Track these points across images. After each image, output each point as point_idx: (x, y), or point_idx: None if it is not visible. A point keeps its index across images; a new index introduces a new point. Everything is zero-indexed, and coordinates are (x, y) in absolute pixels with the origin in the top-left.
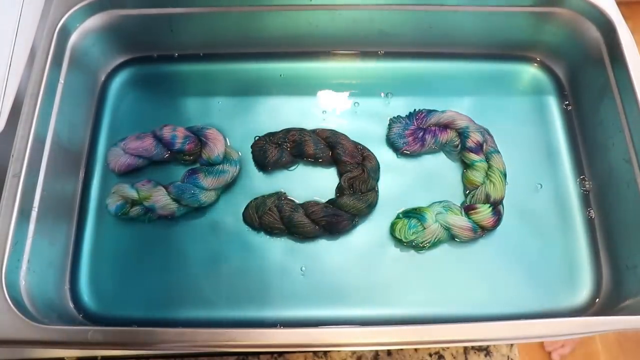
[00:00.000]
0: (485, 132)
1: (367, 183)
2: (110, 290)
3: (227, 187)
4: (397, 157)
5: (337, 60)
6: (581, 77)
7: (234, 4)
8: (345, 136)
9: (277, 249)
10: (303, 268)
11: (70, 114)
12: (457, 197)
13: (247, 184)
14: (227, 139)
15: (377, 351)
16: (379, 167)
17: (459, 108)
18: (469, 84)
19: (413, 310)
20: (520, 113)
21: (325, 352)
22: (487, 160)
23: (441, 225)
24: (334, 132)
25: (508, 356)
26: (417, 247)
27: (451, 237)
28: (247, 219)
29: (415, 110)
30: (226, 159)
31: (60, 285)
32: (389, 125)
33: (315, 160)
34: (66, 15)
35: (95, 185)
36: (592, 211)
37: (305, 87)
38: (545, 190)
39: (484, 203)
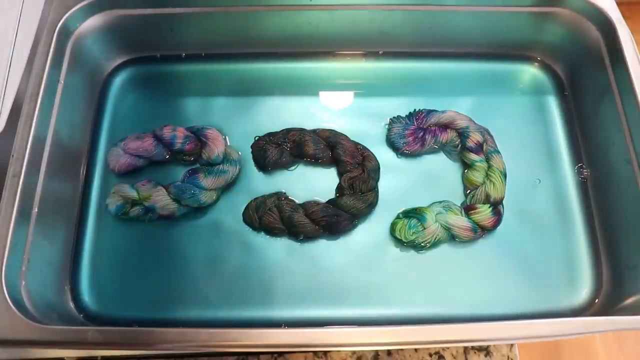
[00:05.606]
0: (485, 132)
1: (367, 183)
2: (110, 290)
3: (227, 187)
4: (397, 157)
5: (337, 60)
6: (581, 77)
7: (234, 4)
8: (345, 136)
9: (277, 249)
10: (302, 265)
11: (70, 114)
12: (457, 197)
13: (247, 184)
14: (227, 139)
15: (377, 351)
16: (379, 167)
17: (459, 108)
18: (469, 84)
19: (413, 310)
20: (521, 113)
21: (325, 352)
22: (487, 160)
23: (441, 226)
24: (334, 132)
25: (508, 356)
26: (417, 247)
27: (451, 237)
28: (247, 219)
29: (415, 110)
30: (226, 159)
31: (61, 285)
32: (389, 125)
33: (315, 160)
34: (66, 15)
35: (95, 185)
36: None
37: (305, 87)
38: (545, 190)
39: (484, 203)
